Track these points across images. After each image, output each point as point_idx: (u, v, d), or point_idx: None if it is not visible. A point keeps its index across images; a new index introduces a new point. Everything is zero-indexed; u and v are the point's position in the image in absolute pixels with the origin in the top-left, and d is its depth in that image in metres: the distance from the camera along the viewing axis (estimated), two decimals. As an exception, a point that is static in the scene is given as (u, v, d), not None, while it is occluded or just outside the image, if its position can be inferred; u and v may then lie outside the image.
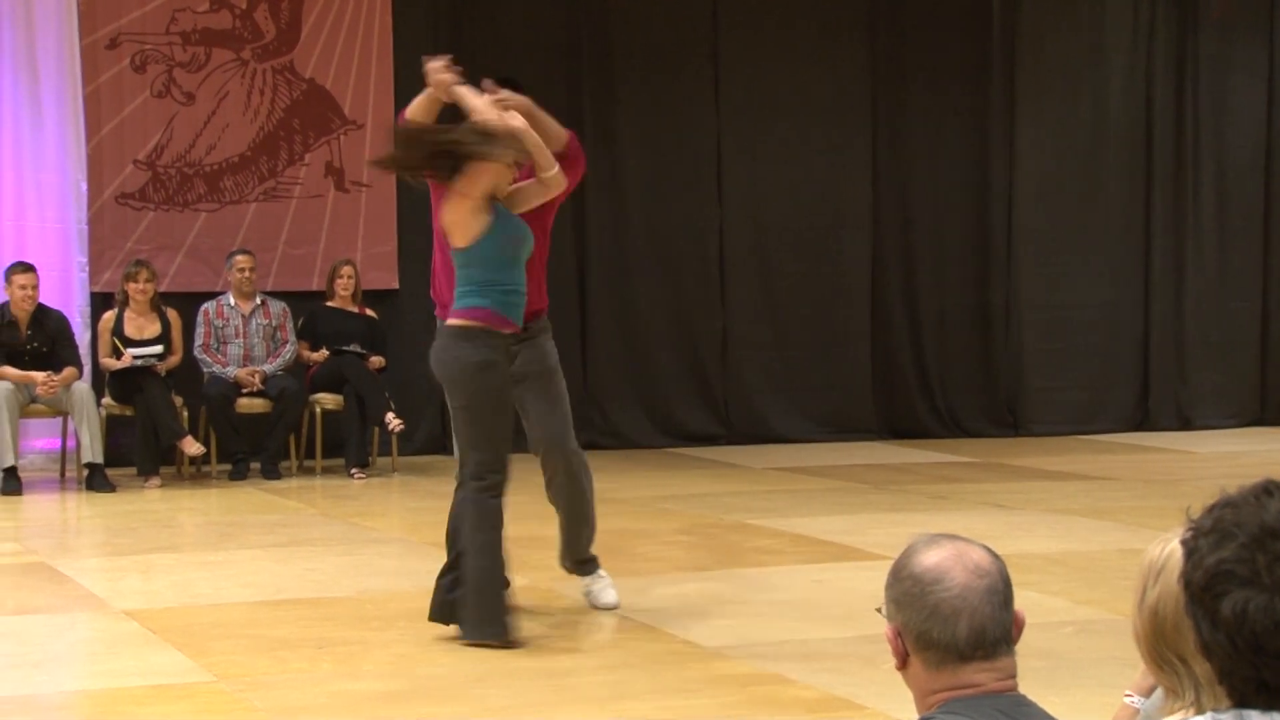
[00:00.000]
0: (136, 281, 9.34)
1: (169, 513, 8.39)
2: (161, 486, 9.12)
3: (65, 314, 9.39)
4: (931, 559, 2.19)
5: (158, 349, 9.36)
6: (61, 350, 9.16)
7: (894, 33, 11.88)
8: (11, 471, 8.83)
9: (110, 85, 10.04)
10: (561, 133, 5.70)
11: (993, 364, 12.19)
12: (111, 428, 9.39)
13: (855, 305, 11.90)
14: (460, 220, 5.31)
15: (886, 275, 11.97)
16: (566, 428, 5.87)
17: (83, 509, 8.56)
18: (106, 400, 9.38)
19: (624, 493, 9.11)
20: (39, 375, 8.97)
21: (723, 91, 11.61)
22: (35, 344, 9.10)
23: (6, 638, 5.38)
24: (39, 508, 8.61)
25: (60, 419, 9.37)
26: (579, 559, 5.94)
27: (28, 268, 9.11)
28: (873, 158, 11.91)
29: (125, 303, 9.40)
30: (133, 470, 9.33)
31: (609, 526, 7.84)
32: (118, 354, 9.27)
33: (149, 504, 8.64)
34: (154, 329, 9.42)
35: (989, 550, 2.22)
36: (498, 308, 5.30)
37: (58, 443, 9.53)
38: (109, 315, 9.44)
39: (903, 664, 2.21)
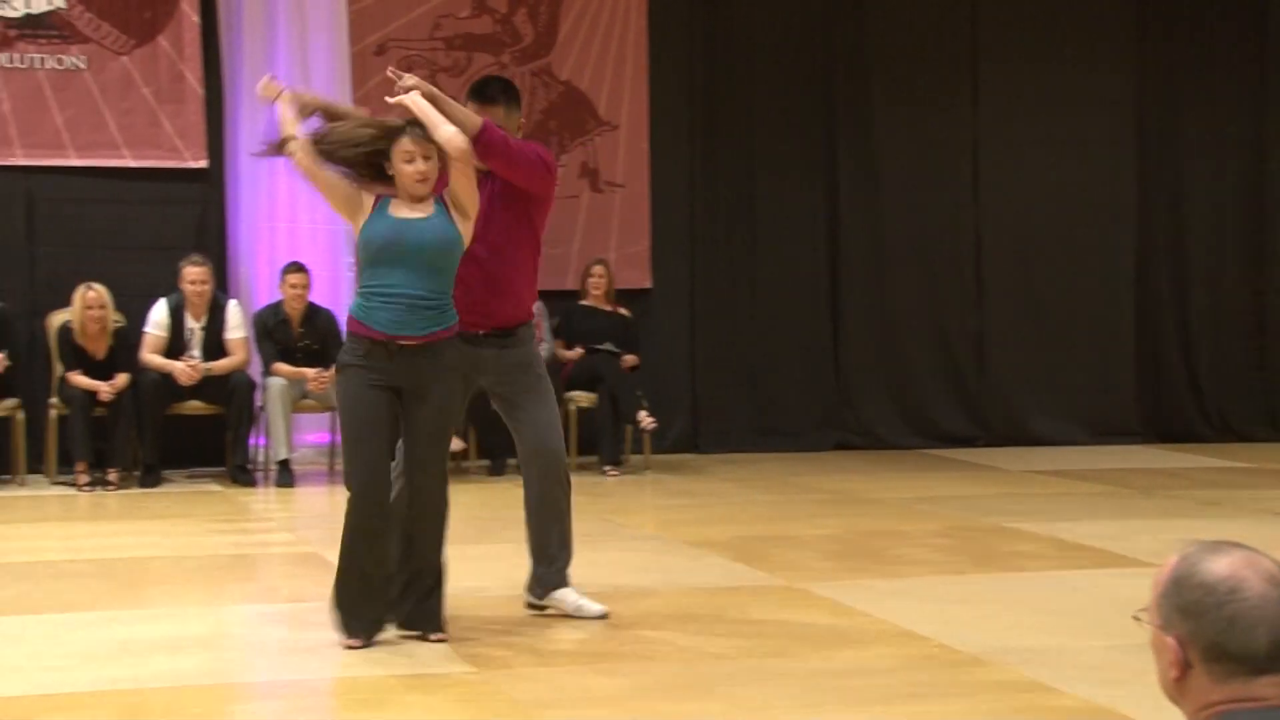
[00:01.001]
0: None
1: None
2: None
3: (334, 313, 9.72)
4: (1222, 567, 2.10)
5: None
6: (331, 348, 9.47)
7: (1162, 28, 11.55)
8: (285, 465, 9.20)
9: (378, 91, 10.30)
10: (473, 121, 5.27)
11: (1267, 365, 11.71)
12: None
13: (1119, 304, 11.58)
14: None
15: (1152, 273, 11.62)
16: (557, 432, 5.69)
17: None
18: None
19: (877, 493, 9.04)
20: (310, 372, 9.33)
21: (981, 88, 11.42)
22: (306, 341, 9.46)
23: (281, 624, 5.60)
24: (310, 499, 8.93)
25: (329, 414, 9.70)
26: (559, 569, 5.67)
27: (300, 268, 9.48)
28: (1139, 153, 11.58)
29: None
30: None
31: (861, 527, 7.82)
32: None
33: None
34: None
35: (1274, 559, 2.13)
36: (359, 314, 5.10)
37: (327, 437, 9.88)
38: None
39: (1181, 675, 2.13)
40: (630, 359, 10.05)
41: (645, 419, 9.70)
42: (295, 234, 10.11)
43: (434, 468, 5.26)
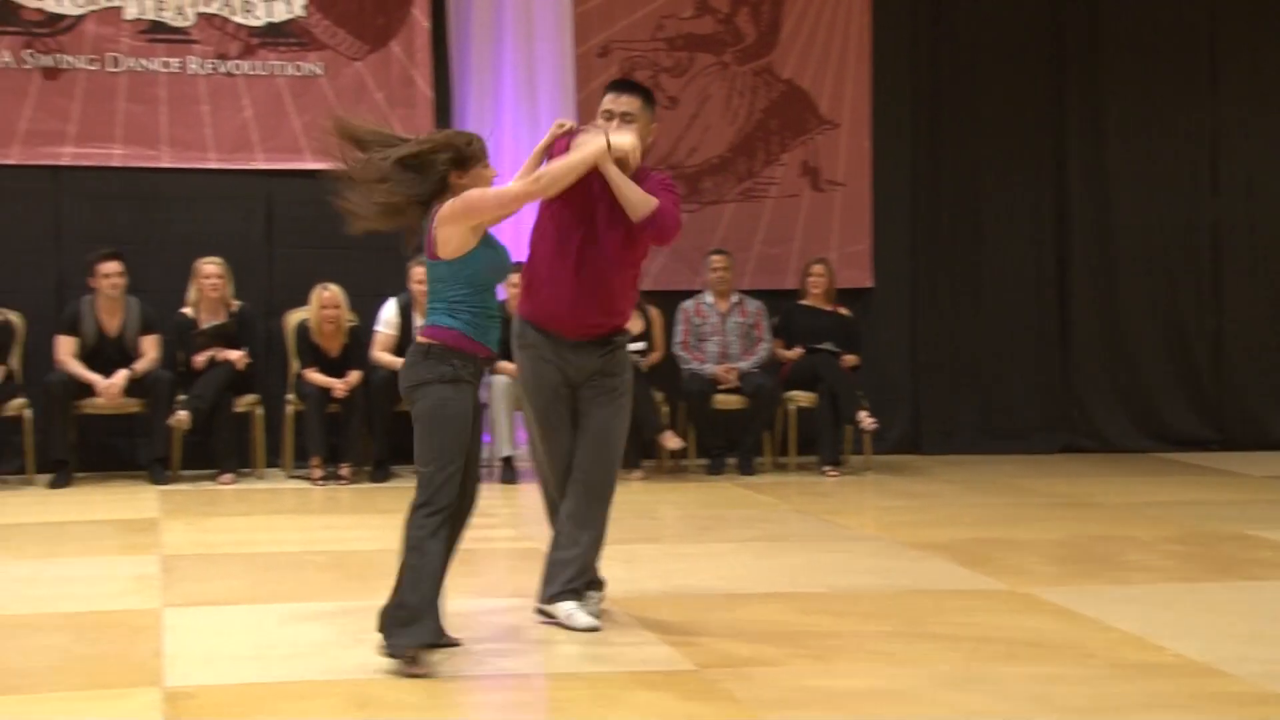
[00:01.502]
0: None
1: (650, 504, 8.65)
2: (643, 479, 9.43)
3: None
4: None
5: (640, 346, 9.67)
6: (552, 346, 9.59)
7: None
8: (508, 461, 9.35)
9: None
10: (639, 205, 5.38)
11: None
12: (597, 421, 9.74)
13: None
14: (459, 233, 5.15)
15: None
16: (608, 450, 5.52)
17: (571, 498, 8.90)
18: (593, 394, 9.75)
19: (1106, 497, 8.80)
20: (532, 369, 9.44)
21: (1220, 77, 11.04)
22: (529, 340, 9.57)
23: (506, 618, 5.67)
24: (532, 496, 9.02)
25: (551, 411, 9.82)
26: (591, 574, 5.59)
27: (520, 268, 9.59)
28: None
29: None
30: (617, 462, 9.66)
31: (1090, 532, 7.62)
32: (604, 350, 9.63)
33: (631, 495, 8.91)
34: (637, 326, 9.74)
35: None
36: (475, 333, 5.12)
37: (548, 434, 9.99)
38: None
39: None
40: (850, 359, 9.96)
41: (866, 419, 9.61)
42: (519, 236, 10.23)
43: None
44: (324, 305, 9.28)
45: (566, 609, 5.45)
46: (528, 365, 5.60)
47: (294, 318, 9.62)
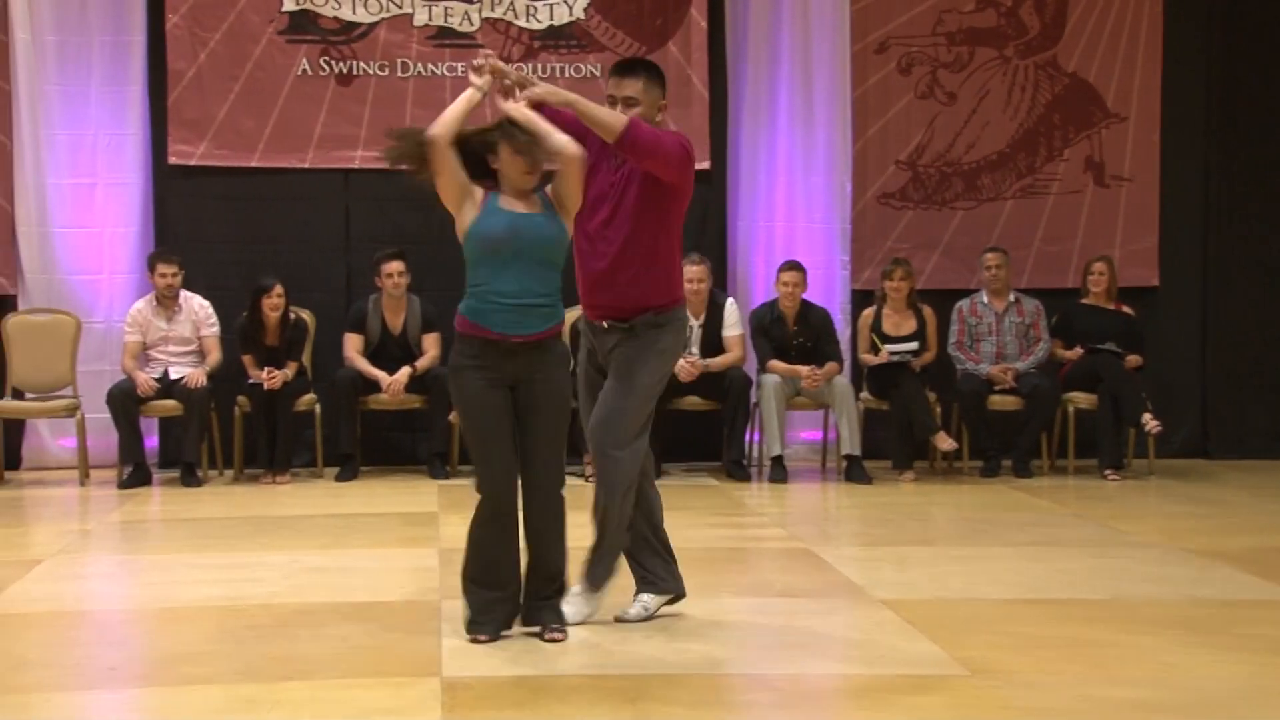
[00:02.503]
0: (892, 280, 9.61)
1: (922, 506, 8.54)
2: (915, 480, 9.31)
3: (829, 310, 9.78)
4: None
5: (913, 345, 9.56)
6: (824, 345, 9.56)
7: None
8: (778, 460, 9.33)
9: (877, 88, 10.38)
10: (616, 120, 5.13)
11: None
12: (869, 421, 9.67)
13: None
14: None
15: None
16: (609, 428, 5.34)
17: (841, 499, 8.87)
18: (864, 394, 9.69)
19: None
20: (804, 369, 9.42)
21: None
22: (801, 339, 9.56)
23: (774, 618, 5.67)
24: (802, 496, 9.02)
25: (821, 411, 9.79)
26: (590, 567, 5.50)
27: (795, 266, 9.59)
28: None
29: (884, 300, 9.67)
30: (888, 463, 9.58)
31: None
32: (875, 350, 9.56)
33: (903, 497, 8.82)
34: (910, 326, 9.63)
35: None
36: (470, 314, 5.03)
37: (819, 434, 9.97)
38: (868, 312, 9.76)
39: None
40: (1134, 359, 9.64)
41: (1150, 422, 9.30)
42: (792, 233, 10.24)
43: (552, 463, 5.19)
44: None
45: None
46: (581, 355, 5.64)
47: (569, 316, 9.76)
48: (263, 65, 9.90)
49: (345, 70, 9.97)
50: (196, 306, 9.43)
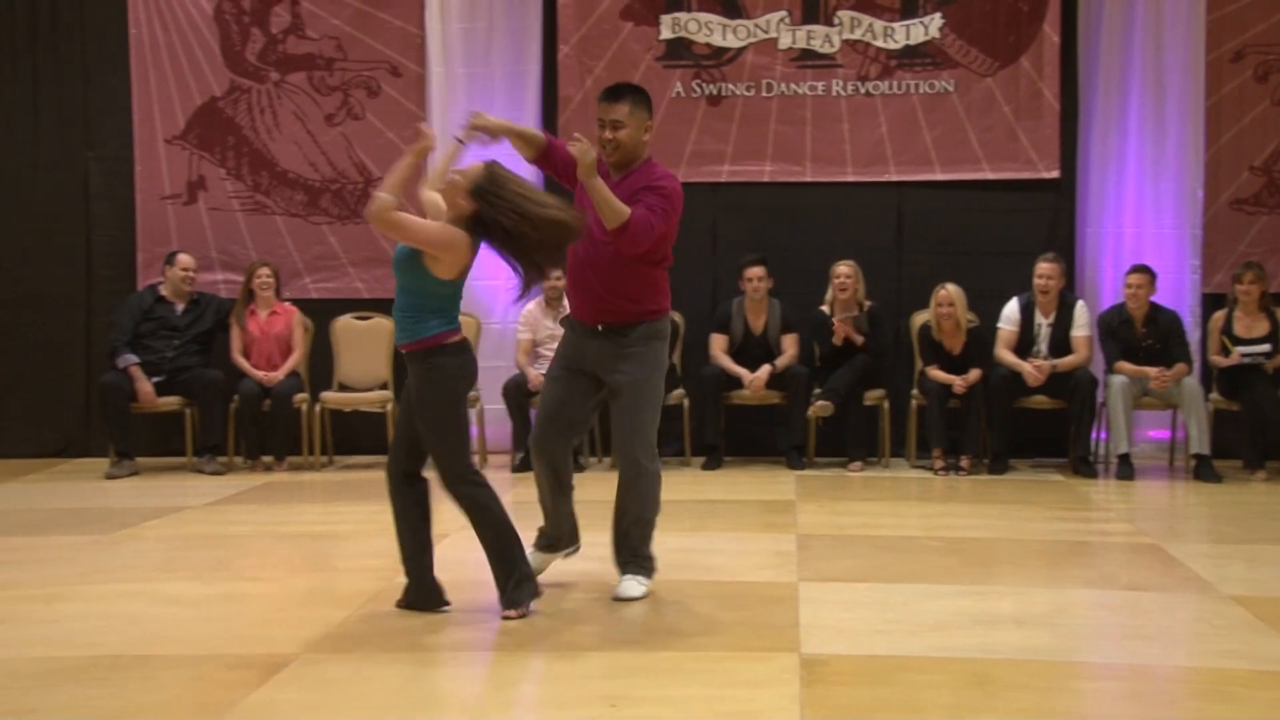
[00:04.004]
0: (1243, 283, 9.14)
1: (1274, 505, 8.07)
2: (1266, 480, 8.82)
3: (1178, 313, 9.37)
4: None
5: (1266, 347, 9.07)
6: (1173, 347, 9.17)
7: None
8: (1125, 458, 8.99)
9: (1232, 96, 9.87)
10: (615, 214, 5.36)
11: None
12: (1219, 422, 9.22)
13: None
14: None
15: None
16: (633, 436, 5.50)
17: (1190, 497, 8.48)
18: (1214, 395, 9.25)
19: None
20: (1152, 370, 9.06)
21: None
22: (1149, 341, 9.19)
23: (1119, 610, 5.48)
24: (1149, 493, 8.66)
25: (1170, 411, 9.39)
26: (634, 553, 5.68)
27: (1143, 269, 9.23)
28: None
29: (1235, 303, 9.21)
30: (1238, 463, 9.11)
31: None
32: (1226, 352, 9.11)
33: (1254, 496, 8.37)
34: (1263, 328, 9.14)
35: None
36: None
37: (1168, 433, 9.56)
38: (1219, 315, 9.31)
39: None
40: None
41: None
42: (1141, 238, 9.85)
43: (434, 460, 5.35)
44: (939, 303, 9.30)
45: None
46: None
47: (919, 319, 9.68)
48: (641, 89, 10.12)
49: (715, 92, 10.11)
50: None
